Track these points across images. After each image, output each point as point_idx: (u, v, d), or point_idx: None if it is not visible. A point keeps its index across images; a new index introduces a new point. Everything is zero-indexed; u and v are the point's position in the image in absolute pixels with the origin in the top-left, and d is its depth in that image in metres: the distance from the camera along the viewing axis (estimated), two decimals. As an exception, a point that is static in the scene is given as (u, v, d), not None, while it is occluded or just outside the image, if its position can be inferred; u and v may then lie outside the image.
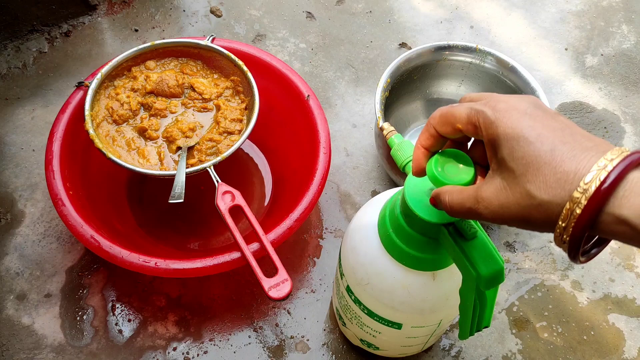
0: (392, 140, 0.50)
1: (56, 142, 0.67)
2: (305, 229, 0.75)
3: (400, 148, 0.49)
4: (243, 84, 0.71)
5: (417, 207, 0.43)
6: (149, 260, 0.60)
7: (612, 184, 0.29)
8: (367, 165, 0.81)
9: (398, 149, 0.49)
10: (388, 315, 0.52)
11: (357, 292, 0.53)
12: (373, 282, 0.50)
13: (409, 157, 0.48)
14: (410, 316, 0.52)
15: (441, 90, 0.82)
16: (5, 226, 0.75)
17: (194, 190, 0.70)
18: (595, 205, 0.29)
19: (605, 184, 0.29)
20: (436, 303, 0.50)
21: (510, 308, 0.71)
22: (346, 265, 0.54)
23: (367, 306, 0.53)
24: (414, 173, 0.41)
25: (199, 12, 0.95)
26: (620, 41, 0.94)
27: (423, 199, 0.43)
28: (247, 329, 0.69)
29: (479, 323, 0.44)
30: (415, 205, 0.43)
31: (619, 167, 0.29)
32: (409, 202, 0.43)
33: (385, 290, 0.50)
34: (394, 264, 0.48)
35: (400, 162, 0.48)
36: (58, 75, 0.88)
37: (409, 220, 0.44)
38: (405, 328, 0.53)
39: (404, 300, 0.50)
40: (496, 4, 0.98)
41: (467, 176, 0.38)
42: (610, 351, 0.68)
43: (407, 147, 0.48)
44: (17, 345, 0.67)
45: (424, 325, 0.53)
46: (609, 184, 0.29)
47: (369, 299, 0.52)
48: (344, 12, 0.97)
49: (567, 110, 0.87)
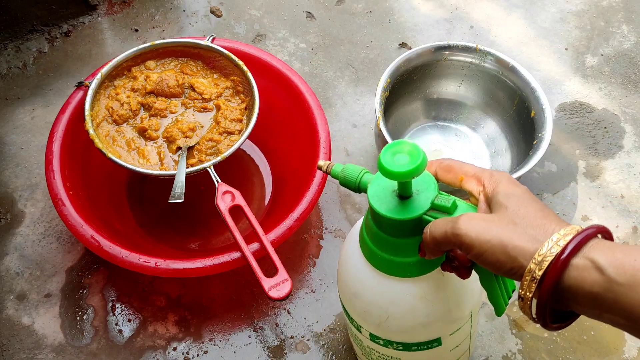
0: (334, 171, 0.48)
1: (56, 142, 0.67)
2: (305, 229, 0.76)
3: (346, 170, 0.47)
4: (243, 84, 0.71)
5: (382, 208, 0.42)
6: (148, 260, 0.60)
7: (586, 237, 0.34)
8: (367, 165, 0.81)
9: (345, 172, 0.47)
10: (422, 335, 0.49)
11: (382, 333, 0.50)
12: (391, 311, 0.48)
13: (360, 171, 0.46)
14: (443, 324, 0.49)
15: (441, 90, 0.82)
16: (5, 226, 0.75)
17: (194, 190, 0.70)
18: (576, 244, 0.33)
19: (582, 234, 0.34)
20: (459, 296, 0.49)
21: (510, 308, 0.71)
22: (357, 312, 0.51)
23: (400, 341, 0.50)
24: None
25: (199, 12, 0.95)
26: (620, 41, 0.94)
27: (389, 201, 0.43)
28: (247, 329, 0.69)
29: (507, 291, 0.43)
30: (382, 207, 0.42)
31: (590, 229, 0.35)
32: (378, 210, 0.42)
33: (407, 312, 0.48)
34: (401, 283, 0.46)
35: (354, 180, 0.46)
36: (58, 75, 0.88)
37: (382, 226, 0.44)
38: (445, 341, 0.51)
39: (429, 310, 0.47)
40: (496, 4, 0.98)
41: (411, 165, 0.38)
42: (610, 351, 0.68)
43: (352, 167, 0.47)
44: (17, 345, 0.67)
45: (459, 326, 0.51)
46: (586, 235, 0.34)
47: (396, 332, 0.49)
48: (344, 12, 0.97)
49: (567, 110, 0.87)
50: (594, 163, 0.82)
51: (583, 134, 0.85)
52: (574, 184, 0.80)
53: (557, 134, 0.84)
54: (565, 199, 0.79)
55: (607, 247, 0.33)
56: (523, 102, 0.75)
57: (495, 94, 0.79)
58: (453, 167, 0.44)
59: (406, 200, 0.42)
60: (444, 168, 0.44)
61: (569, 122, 0.86)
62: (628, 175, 0.81)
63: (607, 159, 0.83)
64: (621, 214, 0.78)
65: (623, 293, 0.32)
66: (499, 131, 0.81)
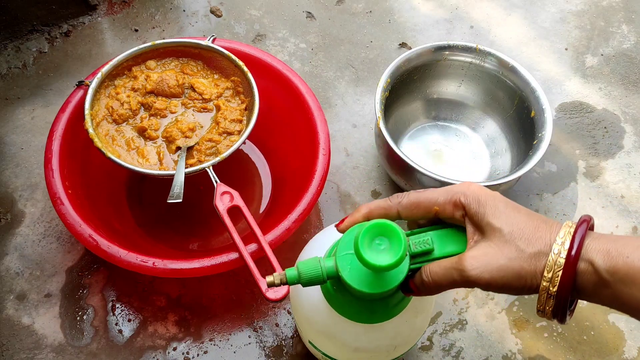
0: (291, 277, 0.43)
1: (56, 141, 0.67)
2: (305, 228, 0.76)
3: (304, 269, 0.42)
4: (243, 85, 0.71)
5: (366, 288, 0.41)
6: (147, 260, 0.60)
7: (583, 237, 0.36)
8: (367, 165, 0.81)
9: (305, 272, 0.42)
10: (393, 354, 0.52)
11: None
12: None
13: (317, 261, 0.42)
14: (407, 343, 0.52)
15: (441, 90, 0.82)
16: (5, 226, 0.75)
17: (194, 190, 0.70)
18: (577, 248, 0.36)
19: (577, 234, 0.36)
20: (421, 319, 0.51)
21: (510, 308, 0.71)
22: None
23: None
24: (341, 229, 0.44)
25: (199, 12, 0.95)
26: (620, 41, 0.94)
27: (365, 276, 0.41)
28: (247, 329, 0.69)
29: None
30: (364, 287, 0.41)
31: (583, 227, 0.37)
32: (364, 291, 0.41)
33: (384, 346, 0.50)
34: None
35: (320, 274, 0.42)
36: (58, 75, 0.88)
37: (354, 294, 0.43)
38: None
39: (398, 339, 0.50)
40: (496, 4, 0.98)
41: (392, 258, 0.37)
42: (610, 351, 0.68)
43: (306, 263, 0.42)
44: (17, 345, 0.67)
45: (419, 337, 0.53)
46: (582, 235, 0.36)
47: None
48: (344, 12, 0.97)
49: (567, 110, 0.87)
50: (594, 163, 0.82)
51: (583, 134, 0.85)
52: (574, 184, 0.80)
53: (557, 134, 0.84)
54: (565, 199, 0.79)
55: (601, 246, 0.36)
56: (523, 102, 0.75)
57: (495, 94, 0.79)
58: (419, 201, 0.42)
59: None
60: (408, 207, 0.42)
61: (569, 122, 0.86)
62: (628, 175, 0.81)
63: (607, 159, 0.83)
64: (621, 214, 0.78)
65: (619, 289, 0.35)
66: (499, 131, 0.81)
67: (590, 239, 0.37)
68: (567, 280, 0.36)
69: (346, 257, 0.41)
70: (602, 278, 0.35)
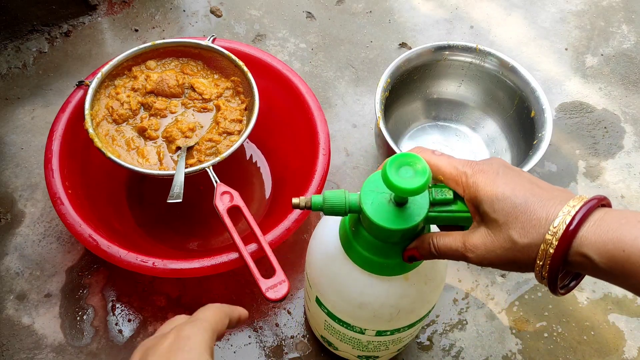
0: (315, 203, 0.44)
1: (56, 141, 0.67)
2: (305, 228, 0.76)
3: (329, 198, 0.43)
4: (243, 85, 0.71)
5: (388, 223, 0.42)
6: (146, 260, 0.60)
7: (576, 226, 0.35)
8: (367, 165, 0.81)
9: (329, 201, 0.43)
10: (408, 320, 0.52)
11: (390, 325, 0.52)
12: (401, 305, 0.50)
13: (342, 193, 0.43)
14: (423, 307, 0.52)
15: (441, 90, 0.82)
16: (5, 226, 0.75)
17: (194, 190, 0.70)
18: (564, 244, 0.36)
19: (571, 226, 0.35)
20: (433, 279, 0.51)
21: (510, 308, 0.71)
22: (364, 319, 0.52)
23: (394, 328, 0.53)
24: None
25: (199, 12, 0.95)
26: (620, 41, 0.94)
27: (388, 212, 0.42)
28: (247, 329, 0.69)
29: None
30: (387, 222, 0.42)
31: (581, 212, 0.36)
32: (385, 226, 0.42)
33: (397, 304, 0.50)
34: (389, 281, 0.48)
35: (342, 205, 0.43)
36: (58, 75, 0.88)
37: (379, 236, 0.44)
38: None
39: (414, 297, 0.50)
40: (496, 4, 0.98)
41: (417, 183, 0.39)
42: (610, 351, 0.68)
43: (332, 193, 0.44)
44: (17, 345, 0.67)
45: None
46: (574, 226, 0.35)
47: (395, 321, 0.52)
48: (344, 12, 0.97)
49: (567, 110, 0.87)
50: (594, 163, 0.82)
51: (583, 134, 0.85)
52: (574, 184, 0.80)
53: (557, 134, 0.84)
54: (565, 199, 0.79)
55: (598, 237, 0.36)
56: (523, 102, 0.75)
57: (495, 94, 0.79)
58: (430, 164, 0.43)
59: (404, 206, 0.42)
60: None
61: (569, 122, 0.86)
62: (628, 175, 0.81)
63: (607, 159, 0.83)
64: (621, 214, 0.78)
65: (620, 278, 0.35)
66: (499, 131, 0.81)
67: (588, 226, 0.36)
68: (554, 273, 0.37)
69: (370, 193, 0.43)
70: (600, 268, 0.35)
